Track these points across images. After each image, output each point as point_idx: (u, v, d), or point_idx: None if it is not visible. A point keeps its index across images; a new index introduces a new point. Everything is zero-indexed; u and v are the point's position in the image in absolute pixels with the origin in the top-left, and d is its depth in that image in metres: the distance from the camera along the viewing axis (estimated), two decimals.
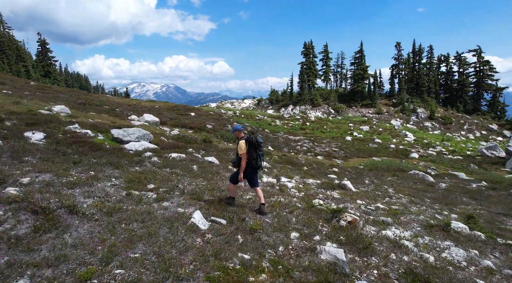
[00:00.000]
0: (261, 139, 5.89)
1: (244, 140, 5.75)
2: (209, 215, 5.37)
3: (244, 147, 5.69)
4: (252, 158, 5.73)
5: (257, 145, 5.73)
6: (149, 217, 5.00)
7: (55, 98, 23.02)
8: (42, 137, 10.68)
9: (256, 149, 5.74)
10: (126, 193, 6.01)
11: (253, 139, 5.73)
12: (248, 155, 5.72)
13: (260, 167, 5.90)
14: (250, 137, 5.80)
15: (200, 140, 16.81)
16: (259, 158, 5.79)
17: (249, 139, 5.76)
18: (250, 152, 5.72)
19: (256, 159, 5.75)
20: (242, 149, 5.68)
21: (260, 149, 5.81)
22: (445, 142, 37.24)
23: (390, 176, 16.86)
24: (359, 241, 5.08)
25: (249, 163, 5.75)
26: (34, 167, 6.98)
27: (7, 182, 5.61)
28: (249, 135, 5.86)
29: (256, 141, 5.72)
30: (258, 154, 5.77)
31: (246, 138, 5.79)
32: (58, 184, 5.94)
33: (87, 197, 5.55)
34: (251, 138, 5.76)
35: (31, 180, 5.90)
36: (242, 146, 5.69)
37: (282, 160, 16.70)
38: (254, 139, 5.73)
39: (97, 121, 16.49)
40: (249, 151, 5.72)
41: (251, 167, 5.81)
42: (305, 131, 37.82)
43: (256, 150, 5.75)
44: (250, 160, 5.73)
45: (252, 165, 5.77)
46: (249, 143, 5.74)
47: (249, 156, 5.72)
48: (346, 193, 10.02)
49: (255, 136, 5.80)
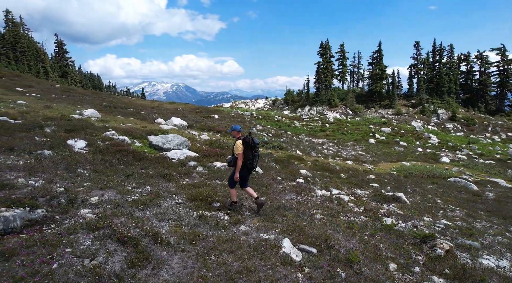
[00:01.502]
0: (257, 140, 5.97)
1: (241, 141, 5.80)
2: (295, 242, 4.92)
3: (241, 147, 5.74)
4: (248, 158, 5.80)
5: (253, 145, 5.81)
6: (235, 246, 4.58)
7: (81, 101, 23.00)
8: (84, 145, 10.46)
9: (252, 150, 5.82)
10: (197, 214, 5.62)
11: (250, 140, 5.79)
12: (244, 155, 5.77)
13: (254, 167, 6.01)
14: (247, 138, 5.84)
15: (232, 145, 16.42)
16: (254, 159, 5.88)
17: (246, 140, 5.81)
18: (246, 152, 5.79)
19: (251, 159, 5.84)
20: (239, 149, 5.73)
21: (256, 150, 5.89)
22: (471, 145, 36.02)
23: (429, 184, 16.13)
24: (468, 276, 4.54)
25: (245, 163, 5.82)
26: (93, 182, 6.69)
27: (77, 201, 5.29)
28: (246, 136, 5.90)
29: (253, 142, 5.80)
30: (254, 155, 5.85)
31: (243, 139, 5.83)
32: (126, 204, 5.59)
33: (161, 220, 5.17)
34: (248, 139, 5.81)
35: (99, 199, 5.56)
36: (239, 146, 5.74)
37: (317, 166, 16.17)
38: (251, 141, 5.79)
39: (128, 125, 16.29)
40: (245, 151, 5.79)
41: (246, 167, 5.88)
42: (325, 133, 37.13)
43: (252, 150, 5.83)
44: (245, 160, 5.80)
45: (247, 165, 5.85)
46: (245, 143, 5.79)
47: (245, 156, 5.78)
48: (403, 206, 9.46)
49: (252, 138, 5.85)
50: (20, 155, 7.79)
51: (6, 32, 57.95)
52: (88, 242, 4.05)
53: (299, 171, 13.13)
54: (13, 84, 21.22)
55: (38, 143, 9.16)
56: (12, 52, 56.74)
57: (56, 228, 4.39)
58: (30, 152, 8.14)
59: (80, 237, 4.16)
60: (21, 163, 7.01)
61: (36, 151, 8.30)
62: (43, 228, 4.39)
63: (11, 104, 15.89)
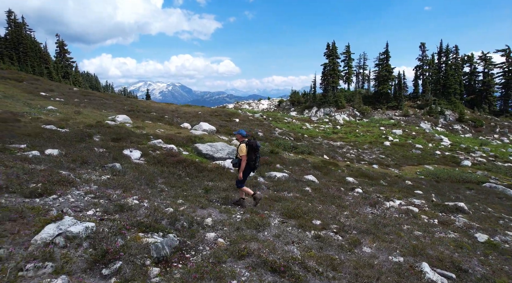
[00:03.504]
0: (259, 144, 6.58)
1: (245, 144, 6.36)
2: (432, 266, 4.81)
3: (245, 149, 6.31)
4: (251, 160, 6.38)
5: (256, 148, 6.39)
6: (376, 271, 4.45)
7: (103, 105, 22.67)
8: (140, 155, 10.30)
9: (255, 152, 6.40)
10: (312, 235, 5.50)
11: (253, 144, 6.34)
12: (247, 156, 6.31)
13: (256, 168, 6.62)
14: (251, 141, 6.41)
15: (267, 151, 16.29)
16: (256, 160, 6.48)
17: (250, 143, 6.37)
18: (250, 154, 6.34)
19: (254, 160, 6.43)
20: (243, 151, 6.29)
21: (258, 152, 6.49)
22: (484, 147, 36.26)
23: (465, 189, 16.15)
24: None
25: (248, 163, 6.38)
26: (186, 200, 6.53)
27: (193, 223, 5.10)
28: (249, 140, 6.46)
29: (256, 145, 6.37)
30: (256, 156, 6.45)
31: (247, 142, 6.38)
32: (241, 224, 5.41)
33: (286, 243, 5.03)
34: (251, 143, 6.37)
35: (213, 220, 5.39)
36: (244, 149, 6.31)
37: (353, 172, 16.10)
38: (255, 144, 6.35)
39: (162, 131, 16.08)
40: (249, 153, 6.33)
41: (250, 168, 6.48)
42: (338, 136, 37.10)
43: (255, 153, 6.41)
44: (249, 161, 6.37)
45: (250, 165, 6.43)
46: (249, 146, 6.34)
47: (249, 158, 6.34)
48: (470, 217, 9.41)
49: (255, 141, 6.41)
50: (95, 169, 7.60)
51: (9, 32, 57.06)
52: (246, 273, 3.90)
53: (345, 179, 13.05)
54: (34, 89, 20.82)
55: (102, 155, 8.96)
56: (15, 53, 55.92)
57: (198, 255, 4.23)
58: (102, 165, 7.94)
59: (231, 266, 4.01)
60: (105, 179, 6.82)
61: (107, 163, 8.11)
62: (186, 255, 4.22)
63: (43, 111, 15.58)
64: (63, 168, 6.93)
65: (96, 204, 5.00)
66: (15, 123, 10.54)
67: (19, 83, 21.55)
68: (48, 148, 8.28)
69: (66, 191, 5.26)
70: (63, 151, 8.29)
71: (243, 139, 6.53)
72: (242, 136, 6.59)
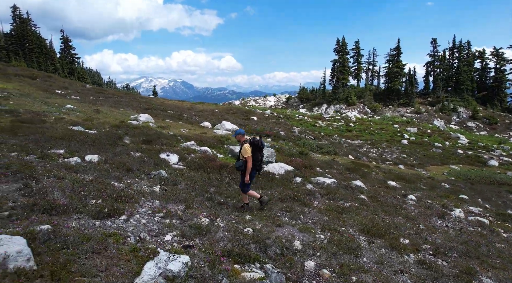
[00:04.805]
0: (264, 142, 6.14)
1: (249, 144, 5.83)
2: None
3: (249, 149, 5.76)
4: (256, 160, 5.84)
5: (261, 147, 5.90)
6: None
7: (119, 102, 21.94)
8: (177, 160, 9.62)
9: (260, 151, 5.91)
10: (415, 261, 4.77)
11: (258, 143, 5.85)
12: (253, 157, 5.77)
13: (261, 168, 6.12)
14: (255, 140, 5.90)
15: (295, 152, 15.56)
16: (262, 160, 5.99)
17: (254, 142, 5.86)
18: (255, 154, 5.80)
19: (260, 160, 5.93)
20: (247, 152, 5.73)
21: (262, 151, 6.01)
22: (502, 145, 35.41)
23: (506, 192, 15.39)
24: None
25: (254, 165, 5.81)
26: (251, 214, 5.81)
27: (284, 250, 4.37)
28: (253, 138, 5.96)
29: (261, 144, 5.88)
30: (261, 155, 5.96)
31: (251, 142, 5.87)
32: (331, 248, 4.68)
33: (395, 273, 4.30)
34: (256, 141, 5.86)
35: (301, 243, 4.66)
36: (248, 149, 5.76)
37: (387, 174, 15.35)
38: (260, 143, 5.86)
39: (188, 131, 15.37)
40: (254, 153, 5.80)
41: (255, 169, 5.93)
42: (353, 134, 36.27)
43: (260, 152, 5.93)
44: (254, 162, 5.81)
45: (255, 166, 5.88)
46: (254, 145, 5.83)
47: (254, 158, 5.79)
48: None
49: (260, 140, 5.92)
50: (141, 177, 6.89)
51: (14, 28, 56.22)
52: None
53: (387, 183, 12.32)
54: (49, 86, 20.06)
55: (141, 160, 8.24)
56: (20, 49, 55.15)
57: None
58: (147, 173, 7.23)
59: None
60: (158, 191, 6.10)
61: (151, 171, 7.40)
62: None
63: (63, 110, 14.86)
64: (110, 177, 6.21)
65: (170, 226, 4.29)
66: (42, 125, 9.82)
67: (33, 80, 20.80)
68: (86, 153, 7.57)
69: (133, 210, 4.53)
70: (103, 157, 7.57)
71: (244, 139, 6.02)
72: (242, 135, 6.06)
